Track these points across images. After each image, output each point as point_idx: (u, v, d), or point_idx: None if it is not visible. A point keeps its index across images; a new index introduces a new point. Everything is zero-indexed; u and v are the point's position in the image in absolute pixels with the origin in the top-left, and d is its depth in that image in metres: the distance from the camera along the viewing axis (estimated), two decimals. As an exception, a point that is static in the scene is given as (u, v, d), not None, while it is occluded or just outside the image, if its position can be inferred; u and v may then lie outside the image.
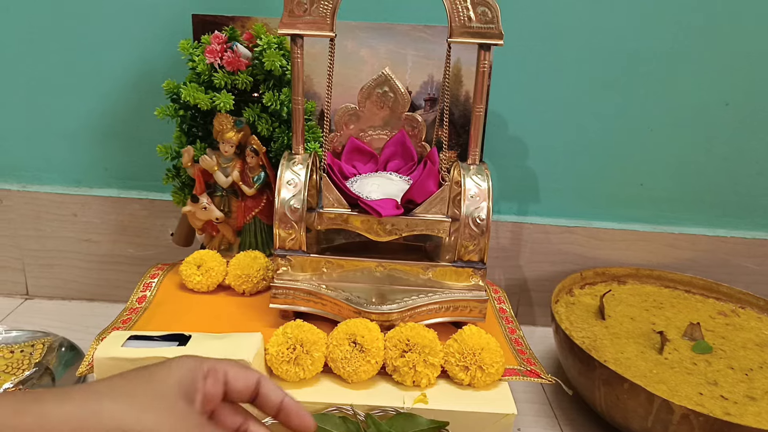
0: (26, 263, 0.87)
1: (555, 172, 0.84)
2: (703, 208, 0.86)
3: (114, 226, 0.85)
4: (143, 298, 0.66)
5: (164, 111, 0.68)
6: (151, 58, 0.78)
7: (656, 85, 0.80)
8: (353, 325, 0.54)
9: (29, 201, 0.84)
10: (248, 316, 0.63)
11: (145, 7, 0.77)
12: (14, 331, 0.74)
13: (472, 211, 0.59)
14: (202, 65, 0.65)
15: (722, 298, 0.82)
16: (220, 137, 0.67)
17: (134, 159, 0.83)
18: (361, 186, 0.64)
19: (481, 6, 0.56)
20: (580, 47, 0.78)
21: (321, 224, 0.60)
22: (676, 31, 0.77)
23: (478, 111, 0.60)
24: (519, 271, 0.88)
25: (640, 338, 0.70)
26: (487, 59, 0.58)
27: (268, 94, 0.66)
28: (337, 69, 0.61)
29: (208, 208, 0.69)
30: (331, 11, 0.56)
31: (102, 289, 0.88)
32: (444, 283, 0.62)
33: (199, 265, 0.67)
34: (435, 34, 0.74)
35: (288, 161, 0.61)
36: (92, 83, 0.80)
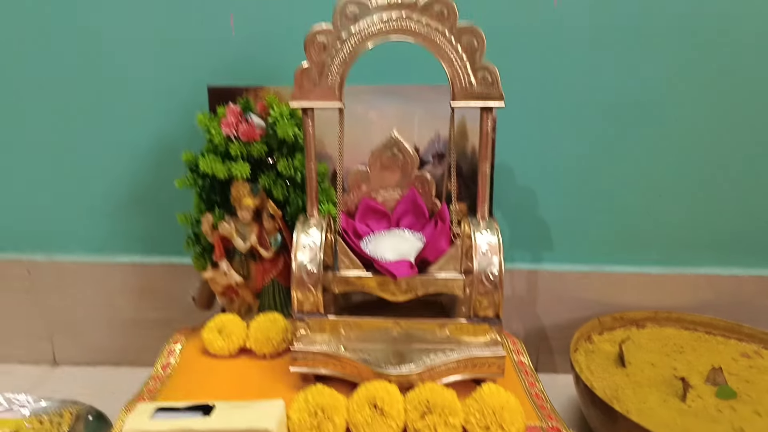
0: (53, 331, 0.90)
1: (566, 219, 0.85)
2: (718, 248, 0.86)
3: (137, 291, 0.87)
4: (167, 365, 0.68)
5: (184, 182, 0.71)
6: (169, 129, 0.82)
7: (663, 128, 0.81)
8: (373, 389, 0.55)
9: (56, 271, 0.87)
10: (270, 380, 0.64)
11: (163, 82, 0.81)
12: (43, 401, 0.76)
13: (484, 267, 0.60)
14: (218, 137, 0.68)
15: (744, 338, 0.81)
16: (237, 204, 0.70)
17: (156, 226, 0.86)
18: (376, 246, 0.66)
19: (481, 71, 0.58)
20: (584, 98, 0.80)
21: (338, 287, 0.62)
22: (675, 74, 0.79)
23: (484, 170, 0.62)
24: (537, 319, 0.88)
25: (662, 385, 0.70)
26: (489, 120, 0.60)
27: (283, 161, 0.69)
28: (347, 131, 0.64)
29: (228, 274, 0.71)
30: (339, 84, 0.59)
31: (127, 354, 0.90)
32: (461, 339, 0.62)
33: (220, 330, 0.69)
34: (440, 94, 0.76)
35: (303, 225, 0.63)
36: (114, 155, 0.84)
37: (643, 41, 0.78)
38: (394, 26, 0.57)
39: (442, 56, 0.58)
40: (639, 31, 0.78)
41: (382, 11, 0.57)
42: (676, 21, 0.77)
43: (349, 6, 0.57)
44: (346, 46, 0.58)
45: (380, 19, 0.57)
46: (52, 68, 0.81)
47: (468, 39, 0.57)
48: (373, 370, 0.59)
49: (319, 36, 0.58)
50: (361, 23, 0.57)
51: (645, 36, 0.78)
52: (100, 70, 0.81)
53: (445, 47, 0.57)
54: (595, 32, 0.78)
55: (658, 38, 0.78)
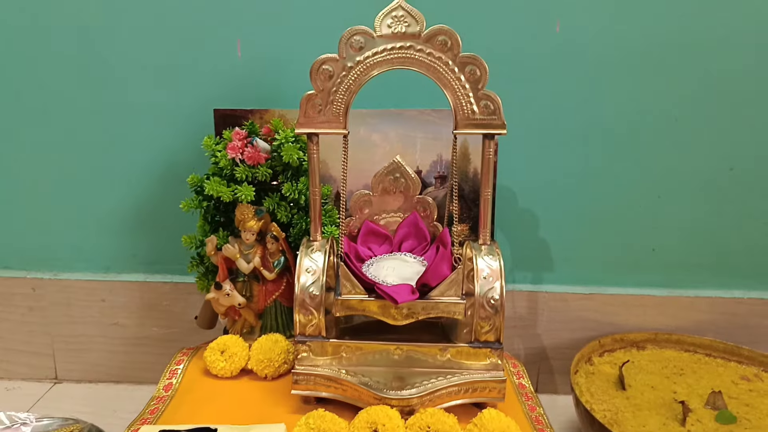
0: (56, 348, 0.90)
1: (567, 241, 0.86)
2: (718, 271, 0.86)
3: (140, 309, 0.88)
4: (170, 386, 0.68)
5: (189, 204, 0.72)
6: (175, 151, 0.83)
7: (662, 153, 0.82)
8: (374, 413, 0.55)
9: (60, 289, 0.87)
10: (271, 402, 0.64)
11: (170, 105, 0.82)
12: (45, 419, 0.76)
13: (485, 291, 0.61)
14: (224, 161, 0.69)
15: (744, 361, 0.81)
16: (241, 226, 0.71)
17: (160, 245, 0.87)
18: (377, 269, 0.66)
19: (483, 100, 0.59)
20: (583, 121, 0.81)
21: (339, 311, 0.62)
22: (677, 101, 0.80)
23: (486, 195, 0.63)
24: (538, 340, 0.88)
25: (661, 409, 0.70)
26: (491, 147, 0.61)
27: (287, 185, 0.70)
28: (350, 153, 0.65)
29: (230, 295, 0.71)
30: (344, 110, 0.60)
31: (129, 372, 0.90)
32: (462, 363, 0.63)
33: (222, 351, 0.69)
34: (442, 117, 0.77)
35: (306, 248, 0.64)
36: (121, 176, 0.85)
37: (643, 66, 0.79)
38: (398, 56, 0.58)
39: (445, 85, 0.59)
40: (639, 56, 0.79)
41: (386, 41, 0.58)
42: (676, 48, 0.78)
43: (354, 36, 0.58)
44: (351, 74, 0.59)
45: (385, 49, 0.58)
46: (60, 90, 0.83)
47: (471, 69, 0.58)
48: (374, 394, 0.59)
49: (324, 65, 0.59)
50: (366, 52, 0.58)
51: (644, 61, 0.79)
52: (108, 92, 0.82)
53: (448, 77, 0.58)
54: (595, 57, 0.79)
55: (657, 64, 0.79)
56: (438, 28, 0.58)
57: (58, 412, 0.78)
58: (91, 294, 0.87)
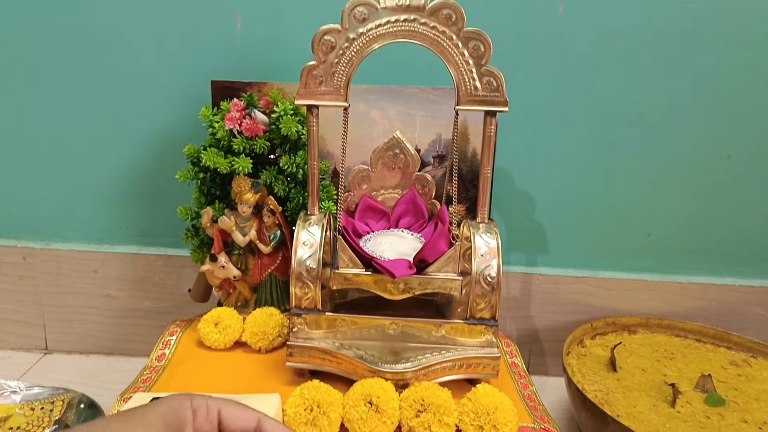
0: (46, 318, 0.89)
1: (563, 224, 0.86)
2: (711, 257, 0.87)
3: (133, 281, 0.87)
4: (162, 356, 0.68)
5: (185, 174, 0.71)
6: (171, 122, 0.82)
7: (659, 139, 0.82)
8: (369, 386, 0.55)
9: (51, 258, 0.86)
10: (265, 374, 0.64)
11: (167, 75, 0.81)
12: (35, 388, 0.76)
13: (482, 269, 0.61)
14: (221, 131, 0.68)
15: (733, 347, 0.82)
16: (238, 198, 0.70)
17: (154, 217, 0.86)
18: (375, 245, 0.66)
19: (486, 76, 0.59)
20: (583, 104, 0.81)
21: (336, 284, 0.62)
22: (674, 89, 0.80)
23: (486, 173, 0.63)
24: (530, 322, 0.89)
25: (652, 391, 0.71)
26: (492, 125, 0.61)
27: (285, 158, 0.69)
28: (349, 130, 0.64)
29: (226, 267, 0.71)
30: (345, 83, 0.60)
31: (120, 344, 0.90)
32: (457, 340, 0.63)
33: (216, 323, 0.69)
34: (442, 95, 0.77)
35: (304, 222, 0.63)
36: (115, 146, 0.84)
37: (645, 50, 0.79)
38: (402, 29, 0.58)
39: (448, 60, 0.58)
40: (641, 40, 0.78)
41: (390, 13, 0.57)
42: (676, 35, 0.78)
43: (357, 7, 0.57)
44: (354, 46, 0.58)
45: (388, 21, 0.57)
46: (56, 58, 0.81)
47: (475, 44, 0.57)
48: (368, 367, 0.59)
49: (326, 35, 0.58)
50: (369, 24, 0.58)
51: (646, 45, 0.79)
52: (104, 61, 0.81)
53: (451, 51, 0.58)
54: (597, 39, 0.79)
55: (659, 47, 0.79)
56: (443, 2, 0.57)
57: (48, 382, 0.77)
58: (82, 264, 0.87)
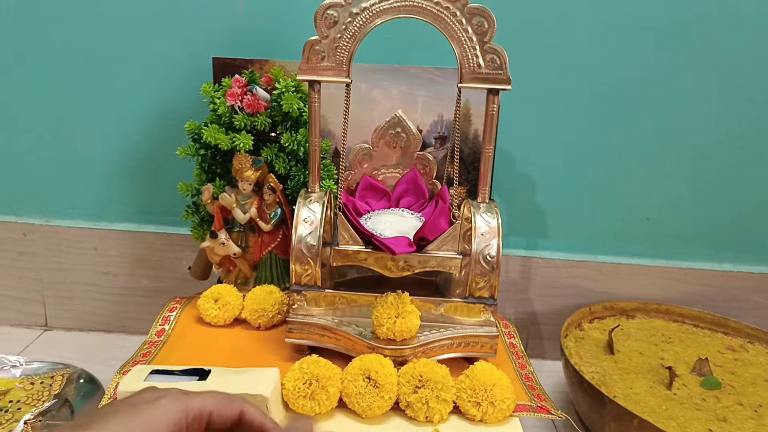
0: (46, 295, 0.89)
1: (563, 208, 0.86)
2: (710, 243, 0.87)
3: (132, 259, 0.87)
4: (162, 332, 0.68)
5: (186, 151, 0.71)
6: (172, 98, 0.82)
7: (660, 123, 0.82)
8: (367, 361, 0.56)
9: (52, 235, 0.86)
10: (264, 350, 0.65)
11: (168, 51, 0.80)
12: (35, 363, 0.76)
13: (482, 248, 0.61)
14: (223, 107, 0.68)
15: (730, 332, 0.82)
16: (239, 176, 0.70)
17: (154, 194, 0.86)
18: (375, 223, 0.66)
19: (490, 53, 0.58)
20: (584, 87, 0.81)
21: (336, 261, 0.62)
22: (675, 73, 0.80)
23: (488, 152, 0.62)
24: (528, 305, 0.89)
25: (649, 373, 0.71)
26: (495, 103, 0.60)
27: (286, 135, 0.69)
28: (351, 109, 0.64)
29: (226, 244, 0.71)
30: (348, 58, 0.59)
31: (119, 321, 0.90)
32: (455, 319, 0.63)
33: (216, 299, 0.69)
34: (445, 76, 0.76)
35: (305, 199, 0.63)
36: (116, 123, 0.83)
37: (648, 33, 0.78)
38: (405, 4, 0.57)
39: (451, 37, 0.58)
40: (644, 22, 0.78)
41: (394, -13, 0.57)
42: (678, 19, 0.77)
43: (361, -20, 0.57)
44: (357, 21, 0.58)
45: (392, -4, 0.57)
46: (56, 33, 0.80)
47: (478, 20, 0.57)
48: (367, 343, 0.59)
49: (329, 10, 0.58)
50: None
51: (650, 27, 0.78)
52: (105, 37, 0.80)
53: (455, 28, 0.57)
54: (601, 21, 0.78)
55: (662, 30, 0.78)
56: (447, -23, 0.57)
57: (48, 358, 0.78)
58: (82, 241, 0.87)
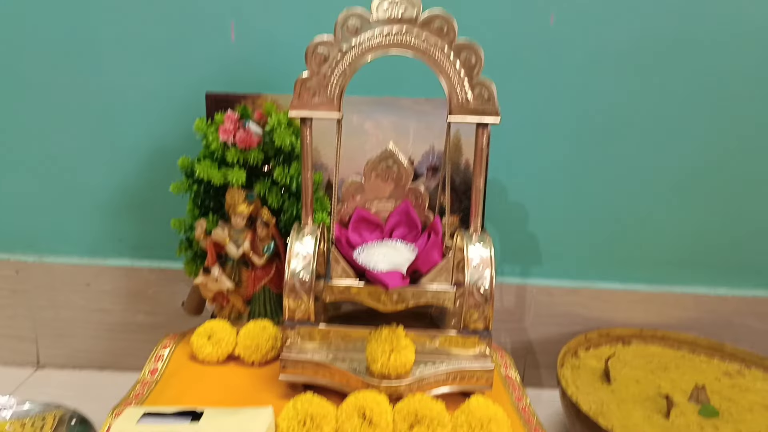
0: (39, 333, 0.89)
1: (556, 235, 0.86)
2: (704, 268, 0.87)
3: (126, 294, 0.87)
4: (155, 370, 0.68)
5: (179, 187, 0.71)
6: (165, 134, 0.82)
7: (652, 150, 0.83)
8: (362, 398, 0.55)
9: (45, 272, 0.86)
10: (258, 388, 0.64)
11: (162, 86, 0.81)
12: (26, 404, 0.75)
13: (475, 280, 0.61)
14: (215, 143, 0.69)
15: (727, 357, 0.82)
16: (232, 210, 0.70)
17: (148, 230, 0.86)
18: (368, 256, 0.66)
19: (478, 87, 0.59)
20: (574, 116, 0.82)
21: (329, 296, 0.62)
22: (664, 99, 0.81)
23: (478, 183, 0.63)
24: (524, 333, 0.88)
25: (646, 402, 0.71)
26: (484, 135, 0.61)
27: (279, 169, 0.70)
28: (343, 141, 0.65)
29: (219, 279, 0.71)
30: (338, 94, 0.60)
31: (113, 358, 0.89)
32: (451, 351, 0.63)
33: (209, 336, 0.68)
34: (435, 107, 0.77)
35: (297, 233, 0.63)
36: (109, 158, 0.84)
37: (634, 63, 0.80)
38: (394, 40, 0.58)
39: (440, 71, 0.59)
40: (631, 51, 0.79)
41: (382, 25, 0.58)
42: (666, 46, 0.79)
43: (350, 18, 0.58)
44: (347, 58, 0.59)
45: (381, 33, 0.58)
46: (49, 69, 0.81)
47: (466, 55, 0.58)
48: (362, 379, 0.59)
49: (320, 47, 0.58)
50: (362, 36, 0.58)
51: (638, 56, 0.79)
52: (98, 72, 0.81)
53: (443, 62, 0.58)
54: (588, 51, 0.79)
55: (647, 61, 0.80)
56: (434, 14, 0.57)
57: (40, 398, 0.77)
58: (75, 278, 0.86)
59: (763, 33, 0.78)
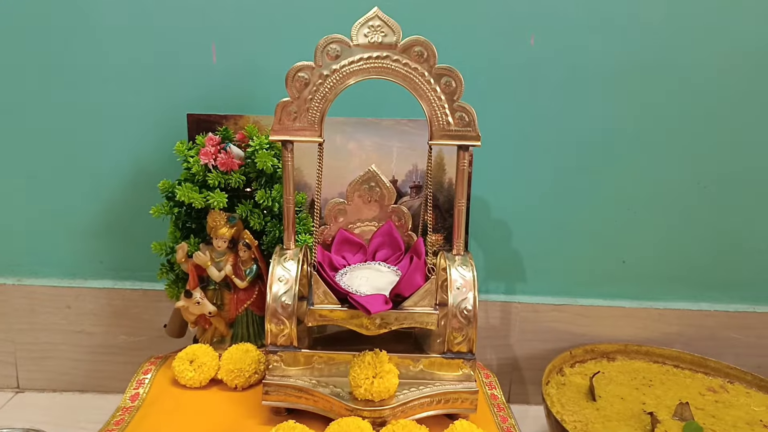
0: (18, 356, 0.87)
1: (540, 252, 0.87)
2: (686, 284, 0.88)
3: (108, 315, 0.86)
4: (136, 396, 0.67)
5: (159, 210, 0.70)
6: (146, 155, 0.82)
7: (632, 167, 0.84)
8: (345, 425, 0.55)
9: (24, 294, 0.85)
10: (241, 413, 0.63)
11: (142, 108, 0.81)
12: (5, 430, 0.74)
13: (459, 302, 0.61)
14: (196, 166, 0.68)
15: (710, 372, 0.83)
16: (213, 233, 0.69)
17: (129, 251, 0.85)
18: (351, 279, 0.66)
19: (458, 111, 0.59)
20: (556, 134, 0.82)
21: (311, 320, 0.62)
22: (647, 115, 0.82)
23: (460, 205, 0.63)
24: (510, 350, 0.89)
25: (630, 420, 0.71)
26: (465, 158, 0.61)
27: (261, 192, 0.69)
28: (326, 161, 0.64)
29: (201, 303, 0.70)
30: (320, 118, 0.60)
31: (94, 381, 0.88)
32: (435, 374, 0.63)
33: (191, 360, 0.68)
34: (418, 127, 0.77)
35: (279, 257, 0.63)
36: (89, 180, 0.83)
37: (615, 81, 0.80)
38: (375, 66, 0.58)
39: (421, 96, 0.59)
40: (611, 72, 0.80)
41: (363, 51, 0.58)
42: (647, 64, 0.80)
43: (330, 44, 0.58)
44: (327, 83, 0.59)
45: (361, 58, 0.58)
46: (29, 90, 0.81)
47: (446, 80, 0.58)
48: (345, 405, 0.58)
49: (300, 72, 0.58)
50: (343, 61, 0.58)
51: (616, 77, 0.80)
52: (77, 93, 0.81)
53: (424, 88, 0.59)
54: (568, 70, 0.80)
55: (629, 79, 0.80)
56: (414, 39, 0.58)
57: (20, 423, 0.76)
58: (55, 300, 0.85)
59: (744, 52, 0.79)
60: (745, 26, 0.78)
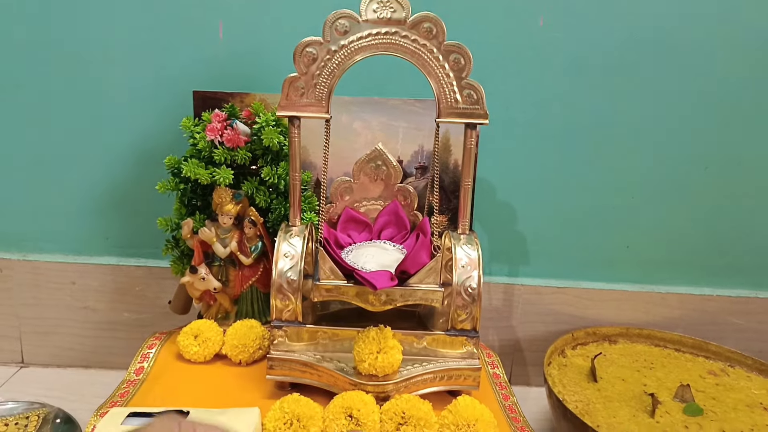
0: (23, 331, 0.88)
1: (544, 235, 0.87)
2: (689, 268, 0.88)
3: (112, 293, 0.86)
4: (141, 370, 0.67)
5: (165, 185, 0.70)
6: (152, 132, 0.81)
7: (638, 151, 0.83)
8: (349, 398, 0.55)
9: (29, 270, 0.85)
10: (245, 387, 0.64)
11: (148, 85, 0.80)
12: (9, 403, 0.74)
13: (463, 280, 0.61)
14: (203, 142, 0.68)
15: (711, 356, 0.83)
16: (219, 210, 0.70)
17: (134, 228, 0.85)
18: (357, 256, 0.66)
19: (467, 89, 0.59)
20: (563, 116, 0.82)
21: (317, 296, 0.62)
22: (652, 99, 0.81)
23: (467, 184, 0.63)
24: (512, 332, 0.89)
25: (631, 401, 0.71)
26: (473, 137, 0.61)
27: (267, 169, 0.69)
28: (332, 141, 0.64)
29: (206, 279, 0.70)
30: (327, 95, 0.60)
31: (98, 356, 0.88)
32: (438, 351, 0.63)
33: (196, 336, 0.68)
34: (425, 107, 0.77)
35: (285, 233, 0.63)
36: (95, 157, 0.83)
37: (624, 63, 0.80)
38: (383, 42, 0.58)
39: (429, 73, 0.59)
40: (619, 53, 0.80)
41: (371, 26, 0.58)
42: (654, 49, 0.79)
43: (339, 19, 0.58)
44: (335, 58, 0.58)
45: (370, 34, 0.58)
46: (34, 67, 0.80)
47: (455, 57, 0.58)
48: (349, 379, 0.59)
49: (308, 47, 0.58)
50: (351, 37, 0.58)
51: (625, 58, 0.80)
52: (84, 70, 0.80)
53: (432, 64, 0.58)
54: (577, 53, 0.80)
55: (637, 60, 0.80)
56: (424, 15, 0.57)
57: (24, 397, 0.76)
58: (60, 276, 0.85)
59: (750, 36, 0.79)
60: (753, 11, 0.78)
